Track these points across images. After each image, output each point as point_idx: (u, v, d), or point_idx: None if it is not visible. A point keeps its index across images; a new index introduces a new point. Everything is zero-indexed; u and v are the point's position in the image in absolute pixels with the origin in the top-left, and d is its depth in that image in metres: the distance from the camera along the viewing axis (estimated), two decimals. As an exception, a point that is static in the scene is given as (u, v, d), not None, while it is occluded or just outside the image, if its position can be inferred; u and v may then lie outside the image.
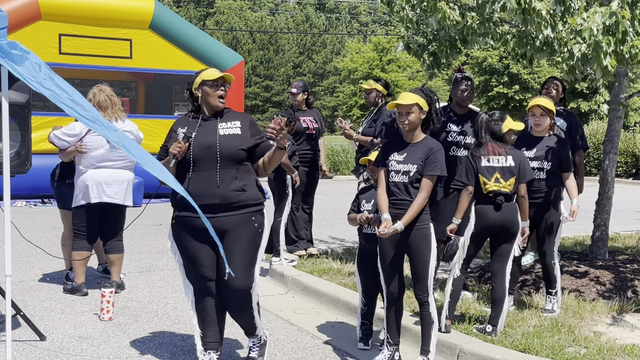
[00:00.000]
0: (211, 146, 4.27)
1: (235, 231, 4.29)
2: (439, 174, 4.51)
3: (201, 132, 4.34)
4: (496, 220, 5.16)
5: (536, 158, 5.63)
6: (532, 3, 5.18)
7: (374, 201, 5.00)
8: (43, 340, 5.09)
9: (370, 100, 7.41)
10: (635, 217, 13.05)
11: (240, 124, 4.38)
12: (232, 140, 4.30)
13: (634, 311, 5.61)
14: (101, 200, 6.36)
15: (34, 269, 7.57)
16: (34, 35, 13.20)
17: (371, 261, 5.03)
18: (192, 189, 4.23)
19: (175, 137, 4.35)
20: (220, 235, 4.19)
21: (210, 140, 4.29)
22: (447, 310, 5.10)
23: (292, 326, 5.73)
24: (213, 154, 4.27)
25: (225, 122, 4.38)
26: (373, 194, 5.06)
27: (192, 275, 4.44)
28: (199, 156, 4.28)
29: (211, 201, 4.23)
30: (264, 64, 56.21)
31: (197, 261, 4.38)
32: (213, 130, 4.34)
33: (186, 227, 4.34)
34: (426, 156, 4.49)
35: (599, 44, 4.82)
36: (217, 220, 4.23)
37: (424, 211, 4.51)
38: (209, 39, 15.17)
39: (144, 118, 14.52)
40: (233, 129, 4.34)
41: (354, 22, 72.71)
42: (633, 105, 42.21)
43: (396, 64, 40.96)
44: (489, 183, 5.14)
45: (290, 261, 7.50)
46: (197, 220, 4.17)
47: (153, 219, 11.55)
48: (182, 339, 5.26)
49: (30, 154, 5.09)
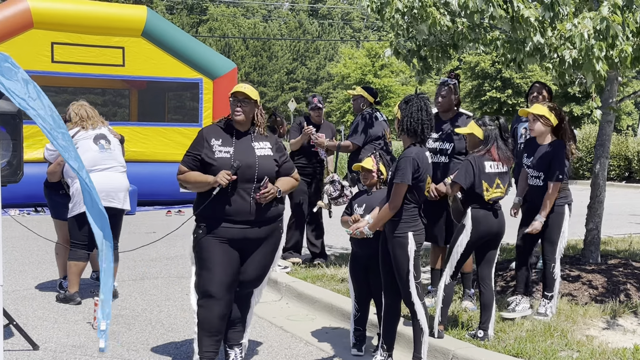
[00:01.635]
0: (251, 166, 4.48)
1: (266, 239, 4.62)
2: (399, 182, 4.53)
3: (238, 149, 4.51)
4: (494, 227, 5.17)
5: (533, 166, 5.66)
6: (521, 11, 5.21)
7: (365, 205, 5.07)
8: (36, 349, 5.08)
9: (355, 106, 7.54)
10: (627, 220, 13.09)
11: (269, 144, 4.61)
12: (269, 162, 4.56)
13: (626, 314, 5.63)
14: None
15: (27, 278, 7.55)
16: (27, 44, 13.17)
17: (363, 266, 5.06)
18: (232, 205, 4.45)
19: (209, 147, 4.48)
20: (252, 243, 4.56)
21: (251, 160, 4.49)
22: (439, 316, 5.10)
23: (285, 333, 5.73)
24: (252, 173, 4.48)
25: (257, 141, 4.59)
26: (365, 198, 5.12)
27: (211, 284, 4.45)
28: (240, 174, 4.45)
29: (247, 218, 4.48)
30: (257, 71, 56.28)
31: (224, 268, 4.46)
32: (250, 149, 4.53)
33: (218, 236, 4.47)
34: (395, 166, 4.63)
35: (591, 49, 4.85)
36: (251, 231, 4.51)
37: (400, 219, 4.54)
38: (202, 46, 15.18)
39: (137, 125, 14.51)
40: (265, 149, 4.58)
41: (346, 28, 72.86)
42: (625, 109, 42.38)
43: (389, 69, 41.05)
44: (491, 190, 5.14)
45: (284, 268, 7.51)
46: (230, 230, 4.45)
47: (146, 226, 11.53)
48: (175, 347, 5.26)
49: (22, 164, 5.09)
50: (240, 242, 4.51)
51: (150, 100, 15.98)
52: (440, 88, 6.12)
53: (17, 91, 4.00)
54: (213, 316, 4.46)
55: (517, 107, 35.93)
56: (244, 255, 4.58)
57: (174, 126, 14.83)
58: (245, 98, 4.52)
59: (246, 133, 4.61)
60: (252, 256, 4.61)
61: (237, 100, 4.53)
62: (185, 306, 6.42)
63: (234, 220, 4.45)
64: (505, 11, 5.32)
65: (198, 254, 4.52)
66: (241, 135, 4.58)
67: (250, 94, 4.51)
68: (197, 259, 4.53)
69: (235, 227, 4.46)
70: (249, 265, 4.62)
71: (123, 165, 6.70)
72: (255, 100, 4.55)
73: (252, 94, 4.52)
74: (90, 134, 6.55)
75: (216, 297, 4.44)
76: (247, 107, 4.53)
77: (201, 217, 4.52)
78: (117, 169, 6.59)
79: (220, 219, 4.45)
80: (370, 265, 4.99)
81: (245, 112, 4.53)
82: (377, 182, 5.10)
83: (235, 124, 4.59)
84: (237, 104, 4.53)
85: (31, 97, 3.99)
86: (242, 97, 4.52)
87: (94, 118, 6.68)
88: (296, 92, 55.72)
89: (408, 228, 4.54)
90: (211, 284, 4.44)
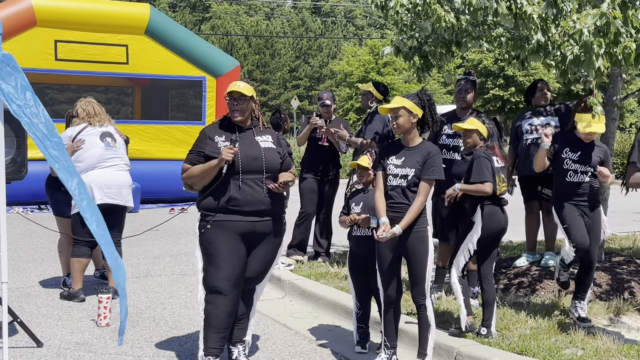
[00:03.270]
0: (257, 157, 4.52)
1: (271, 235, 4.64)
2: (436, 178, 4.55)
3: (243, 142, 4.54)
4: (502, 223, 5.16)
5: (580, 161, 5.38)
6: (524, 7, 5.19)
7: (362, 204, 5.06)
8: (40, 346, 5.08)
9: (363, 102, 7.52)
10: (631, 218, 13.08)
11: (271, 138, 4.67)
12: (273, 154, 4.61)
13: (630, 312, 5.62)
14: (103, 201, 6.36)
15: (31, 276, 7.56)
16: (30, 42, 13.18)
17: (362, 264, 5.06)
18: (241, 196, 4.46)
19: (212, 144, 4.51)
20: (259, 238, 4.58)
21: (256, 152, 4.54)
22: (464, 308, 5.03)
23: (289, 330, 5.73)
24: (259, 164, 4.52)
25: (259, 135, 4.64)
26: (362, 197, 5.13)
27: (219, 279, 4.45)
28: (247, 166, 4.49)
29: (259, 207, 4.51)
30: (260, 68, 56.22)
31: (232, 263, 4.47)
32: (254, 142, 4.58)
33: (226, 230, 4.48)
34: (424, 160, 4.52)
35: (590, 46, 4.83)
36: (259, 224, 4.54)
37: (421, 214, 4.53)
38: (205, 44, 15.18)
39: (141, 124, 14.53)
40: (268, 142, 4.63)
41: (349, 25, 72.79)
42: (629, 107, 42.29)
43: (392, 66, 40.98)
44: (501, 184, 5.16)
45: (288, 265, 7.51)
46: (239, 223, 4.47)
47: (150, 224, 11.53)
48: (179, 344, 5.26)
49: (26, 161, 5.09)
50: (248, 236, 4.52)
51: (154, 98, 16.00)
52: (465, 84, 6.16)
53: (14, 97, 4.02)
54: (220, 312, 4.45)
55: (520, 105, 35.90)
56: (249, 251, 4.59)
57: (177, 124, 14.84)
58: (240, 96, 4.54)
59: (248, 128, 4.64)
60: (256, 252, 4.61)
61: (233, 99, 4.56)
62: (189, 304, 6.43)
63: (243, 212, 4.45)
64: (509, 8, 5.30)
65: (206, 249, 4.51)
66: (243, 130, 4.62)
67: (244, 92, 4.52)
68: (205, 254, 4.52)
69: (244, 219, 4.46)
70: (252, 262, 4.62)
71: (127, 163, 6.73)
72: (251, 96, 4.57)
73: (247, 91, 4.53)
74: (97, 130, 6.60)
75: (223, 293, 4.44)
76: (244, 105, 4.56)
77: (208, 209, 4.51)
78: (121, 167, 6.62)
79: (229, 211, 4.45)
80: (368, 264, 4.99)
81: (242, 110, 4.57)
82: (373, 179, 5.06)
83: (236, 122, 4.62)
84: (234, 103, 4.56)
85: (27, 104, 4.00)
86: (237, 95, 4.54)
87: (100, 115, 6.72)
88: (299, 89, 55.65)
89: (426, 223, 4.57)
90: (218, 279, 4.44)
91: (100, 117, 6.69)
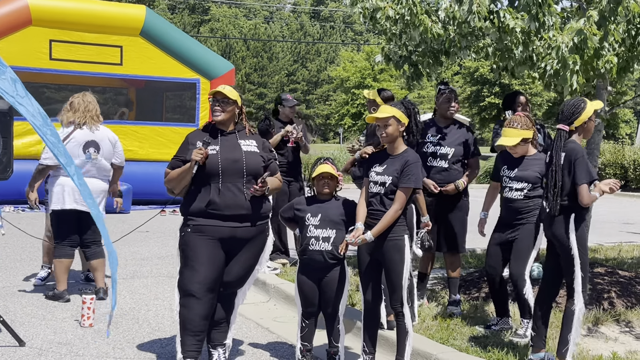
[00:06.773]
0: (237, 160, 4.53)
1: (253, 240, 4.64)
2: (412, 186, 4.57)
3: (224, 145, 4.56)
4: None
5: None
6: (506, 21, 5.25)
7: (320, 215, 4.73)
8: (22, 346, 5.11)
9: (368, 108, 7.49)
10: (620, 228, 13.14)
11: (255, 142, 4.67)
12: (255, 157, 4.60)
13: (609, 322, 5.67)
14: (73, 207, 6.39)
15: (17, 275, 7.58)
16: (25, 41, 13.22)
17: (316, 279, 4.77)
18: (221, 200, 4.47)
19: (193, 149, 4.52)
20: (239, 243, 4.58)
21: (237, 154, 4.55)
22: None
23: (271, 334, 5.77)
24: (239, 167, 4.52)
25: (243, 139, 4.65)
26: (319, 208, 4.78)
27: (193, 282, 4.47)
28: (227, 169, 4.50)
29: (239, 212, 4.51)
30: (258, 72, 56.32)
31: (208, 267, 4.49)
32: (236, 145, 4.59)
33: (206, 235, 4.50)
34: (402, 168, 4.55)
35: (566, 62, 4.89)
36: (243, 230, 4.55)
37: (397, 222, 4.56)
38: (200, 47, 15.23)
39: (135, 125, 14.56)
40: (252, 146, 4.63)
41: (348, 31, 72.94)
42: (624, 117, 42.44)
43: (388, 73, 41.09)
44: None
45: (273, 269, 7.55)
46: (219, 228, 4.48)
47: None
48: (161, 345, 5.30)
49: (11, 161, 5.13)
50: (228, 242, 4.54)
51: (149, 99, 16.04)
52: (450, 94, 6.21)
53: (7, 89, 4.07)
54: (194, 316, 4.48)
55: (515, 114, 35.95)
56: (229, 256, 4.62)
57: (171, 125, 14.88)
58: (223, 98, 4.58)
59: (231, 132, 4.66)
60: (237, 257, 4.64)
61: (216, 100, 4.59)
62: (174, 306, 6.44)
63: (223, 216, 4.46)
64: (492, 21, 5.36)
65: (184, 251, 4.54)
66: (226, 134, 4.65)
67: (228, 94, 4.56)
68: (182, 256, 4.55)
69: (224, 225, 4.48)
70: (233, 266, 4.65)
71: (107, 174, 6.71)
72: (234, 100, 4.60)
73: (231, 94, 4.57)
74: (82, 139, 6.51)
75: (197, 296, 4.47)
76: (226, 107, 4.59)
77: (189, 214, 4.54)
78: (94, 174, 6.57)
79: (209, 215, 4.47)
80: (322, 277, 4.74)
81: (224, 111, 4.58)
82: (335, 188, 4.83)
83: (218, 125, 4.64)
84: (216, 104, 4.59)
85: (19, 94, 4.05)
86: (220, 97, 4.58)
87: (92, 113, 6.62)
88: (296, 93, 55.72)
89: (403, 231, 4.60)
90: (193, 283, 4.47)
91: (92, 114, 6.59)
